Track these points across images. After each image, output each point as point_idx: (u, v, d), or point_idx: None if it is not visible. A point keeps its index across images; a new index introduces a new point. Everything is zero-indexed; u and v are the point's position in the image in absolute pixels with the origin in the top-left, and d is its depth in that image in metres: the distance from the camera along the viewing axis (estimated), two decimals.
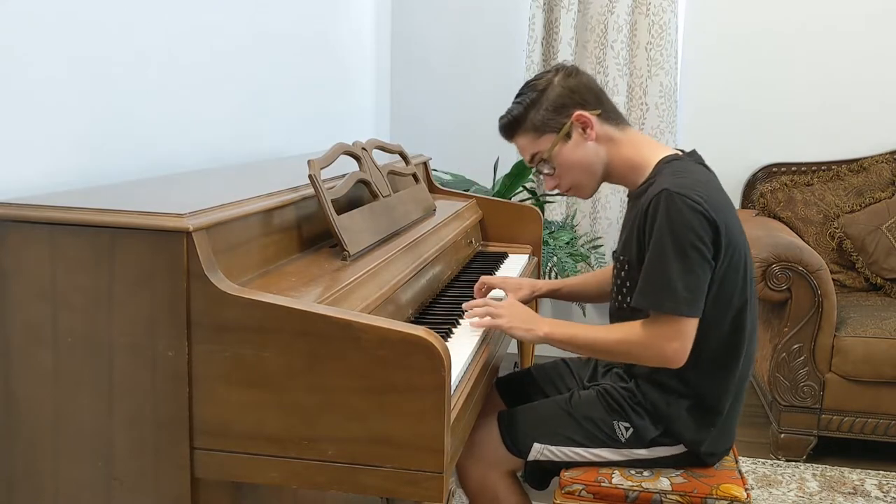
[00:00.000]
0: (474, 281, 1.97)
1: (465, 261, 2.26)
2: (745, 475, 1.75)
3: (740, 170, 3.64)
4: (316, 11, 2.80)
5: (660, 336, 1.58)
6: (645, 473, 1.69)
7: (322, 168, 1.53)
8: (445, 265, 2.03)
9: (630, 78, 3.63)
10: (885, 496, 2.62)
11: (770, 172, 3.56)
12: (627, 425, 1.69)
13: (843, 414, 2.83)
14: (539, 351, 3.10)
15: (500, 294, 1.94)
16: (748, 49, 3.61)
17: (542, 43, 3.63)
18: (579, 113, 1.69)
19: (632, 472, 1.69)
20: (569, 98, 1.71)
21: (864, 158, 3.51)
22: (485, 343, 1.64)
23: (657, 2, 3.54)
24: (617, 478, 1.67)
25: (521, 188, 3.33)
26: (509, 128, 1.77)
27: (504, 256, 2.38)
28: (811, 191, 3.45)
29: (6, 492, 1.25)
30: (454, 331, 1.67)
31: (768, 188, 3.47)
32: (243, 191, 1.43)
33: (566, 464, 1.72)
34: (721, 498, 1.64)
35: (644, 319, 1.61)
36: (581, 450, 1.70)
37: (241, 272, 1.26)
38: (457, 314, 1.78)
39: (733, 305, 1.64)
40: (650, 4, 3.56)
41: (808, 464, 2.85)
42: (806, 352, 2.81)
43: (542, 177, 1.80)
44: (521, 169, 3.21)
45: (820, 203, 3.43)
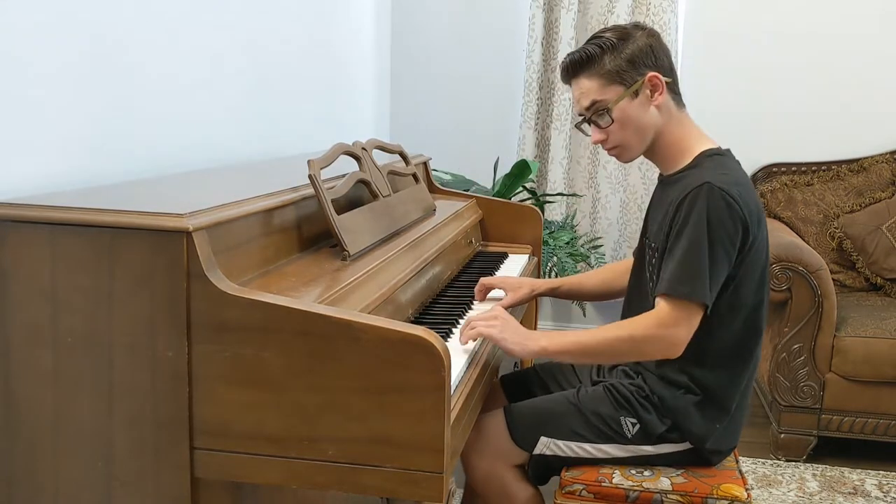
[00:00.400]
0: (474, 281, 1.97)
1: (465, 261, 2.26)
2: (746, 475, 1.75)
3: None
4: (316, 12, 2.80)
5: (671, 324, 1.56)
6: (646, 473, 1.69)
7: (322, 168, 1.53)
8: (445, 265, 2.03)
9: None
10: (885, 496, 2.62)
11: (770, 172, 3.56)
12: (634, 421, 1.69)
13: (843, 414, 2.83)
14: None
15: (500, 294, 1.94)
16: (748, 49, 3.61)
17: (542, 43, 3.63)
18: (654, 74, 1.66)
19: (632, 472, 1.69)
20: (649, 56, 1.66)
21: (864, 158, 3.51)
22: (485, 343, 1.64)
23: (657, 2, 3.54)
24: (617, 477, 1.68)
25: (521, 188, 3.33)
26: (578, 65, 1.69)
27: (504, 256, 2.38)
28: (811, 191, 3.45)
29: (6, 491, 1.25)
30: (454, 331, 1.67)
31: (768, 188, 3.48)
32: (243, 191, 1.43)
33: (571, 459, 1.72)
34: (721, 498, 1.64)
35: (649, 312, 1.61)
36: (587, 445, 1.71)
37: (241, 272, 1.26)
38: (457, 314, 1.78)
39: (747, 306, 1.65)
40: (650, 4, 3.56)
41: (808, 464, 2.85)
42: (806, 352, 2.81)
43: (590, 127, 1.73)
44: (522, 169, 3.21)
45: (820, 203, 3.43)
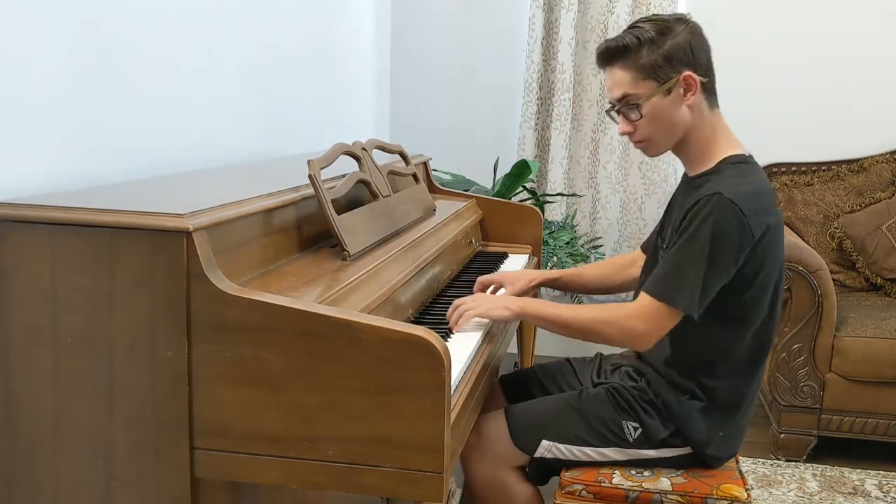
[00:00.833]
0: (474, 281, 1.97)
1: (465, 261, 2.26)
2: (746, 475, 1.75)
3: None
4: (316, 11, 2.80)
5: (646, 320, 1.57)
6: (645, 473, 1.69)
7: (322, 168, 1.53)
8: (445, 265, 2.03)
9: None
10: (885, 496, 2.62)
11: (770, 172, 3.56)
12: (636, 425, 1.69)
13: (843, 414, 2.84)
14: (540, 351, 3.10)
15: (500, 291, 1.94)
16: (748, 49, 3.60)
17: (542, 43, 3.63)
18: (690, 74, 1.63)
19: (632, 472, 1.69)
20: (686, 53, 1.63)
21: (864, 158, 3.51)
22: (485, 343, 1.64)
23: (657, 2, 3.54)
24: (617, 478, 1.67)
25: (521, 188, 3.33)
26: (614, 54, 1.66)
27: (504, 256, 2.38)
28: (811, 191, 3.45)
29: (6, 491, 1.25)
30: (454, 331, 1.67)
31: None
32: (243, 191, 1.43)
33: (572, 462, 1.72)
34: (721, 498, 1.64)
35: (629, 303, 1.62)
36: (589, 449, 1.70)
37: (241, 272, 1.26)
38: None
39: (759, 318, 1.65)
40: (650, 4, 3.56)
41: (808, 464, 2.85)
42: (806, 352, 2.81)
43: (618, 117, 1.71)
44: (521, 169, 3.21)
45: (820, 203, 3.43)
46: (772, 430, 2.93)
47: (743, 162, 1.68)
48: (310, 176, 1.49)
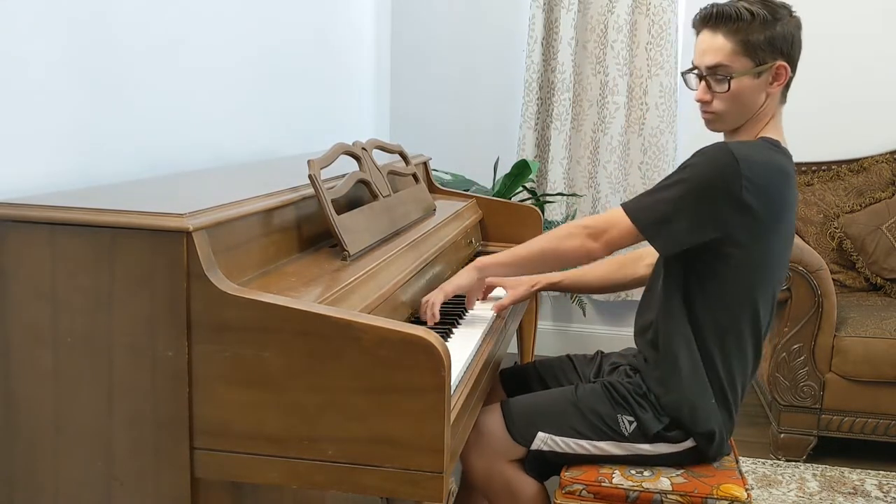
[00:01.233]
0: None
1: (465, 261, 2.26)
2: (746, 475, 1.75)
3: None
4: (316, 11, 2.80)
5: (600, 226, 1.64)
6: (645, 473, 1.69)
7: (322, 168, 1.53)
8: (445, 265, 2.03)
9: (630, 78, 3.63)
10: (885, 496, 2.62)
11: None
12: (631, 419, 1.69)
13: (843, 414, 2.83)
14: (540, 350, 3.10)
15: (501, 293, 1.94)
16: None
17: (542, 43, 3.63)
18: (784, 64, 1.64)
19: (632, 472, 1.69)
20: (788, 44, 1.64)
21: (864, 158, 3.51)
22: (485, 343, 1.64)
23: (657, 2, 3.54)
24: (617, 477, 1.68)
25: (521, 188, 3.33)
26: (725, 20, 1.63)
27: None
28: (811, 191, 3.45)
29: (6, 492, 1.25)
30: (454, 331, 1.67)
31: None
32: (243, 191, 1.43)
33: (569, 456, 1.72)
34: (721, 498, 1.64)
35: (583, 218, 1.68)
36: (584, 442, 1.70)
37: (241, 272, 1.26)
38: (457, 314, 1.78)
39: (752, 307, 1.65)
40: (650, 4, 3.56)
41: (808, 464, 2.85)
42: (806, 352, 2.81)
43: (699, 82, 1.69)
44: (521, 169, 3.21)
45: (820, 203, 3.43)
46: (772, 430, 2.93)
47: (773, 144, 1.68)
48: (310, 176, 1.49)
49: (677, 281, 1.66)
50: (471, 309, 1.86)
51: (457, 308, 1.82)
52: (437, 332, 1.21)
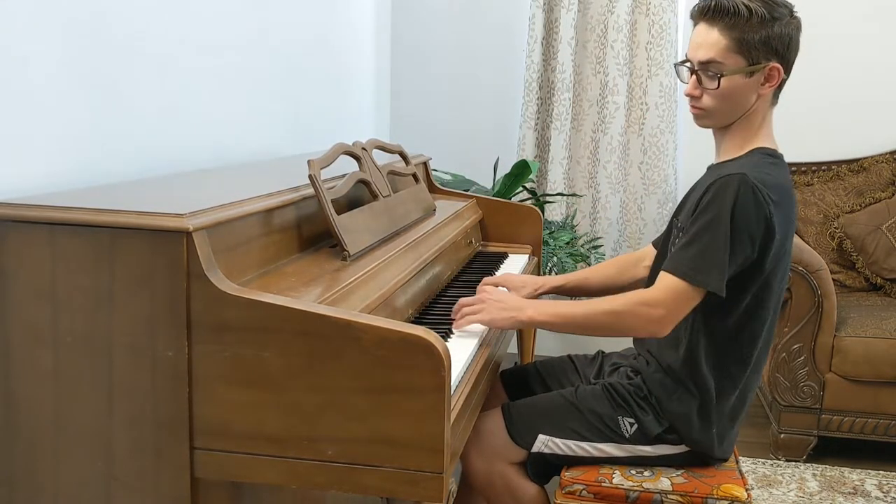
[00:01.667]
0: (474, 281, 1.97)
1: (465, 261, 2.26)
2: (746, 475, 1.75)
3: None
4: (316, 11, 2.80)
5: (666, 303, 1.54)
6: (646, 473, 1.69)
7: (322, 168, 1.53)
8: (445, 265, 2.03)
9: (630, 78, 3.63)
10: (885, 496, 2.62)
11: None
12: (632, 421, 1.69)
13: (843, 414, 2.84)
14: (540, 350, 3.10)
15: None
16: None
17: (542, 43, 3.63)
18: (777, 66, 1.62)
19: (632, 472, 1.69)
20: (784, 45, 1.61)
21: (864, 158, 3.51)
22: (485, 343, 1.64)
23: (657, 2, 3.54)
24: (618, 478, 1.67)
25: (521, 188, 3.33)
26: (722, 14, 1.60)
27: (504, 256, 2.38)
28: (811, 191, 3.45)
29: (6, 492, 1.25)
30: (454, 331, 1.67)
31: None
32: (243, 191, 1.43)
33: (569, 458, 1.72)
34: (721, 498, 1.64)
35: (643, 289, 1.60)
36: (585, 444, 1.70)
37: (241, 272, 1.26)
38: None
39: (759, 317, 1.65)
40: (650, 4, 3.56)
41: (808, 464, 2.85)
42: (806, 352, 2.81)
43: (689, 76, 1.68)
44: (522, 169, 3.21)
45: (820, 203, 3.43)
46: (772, 430, 2.93)
47: (772, 155, 1.67)
48: (310, 176, 1.49)
49: None
50: None
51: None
52: (438, 332, 1.21)
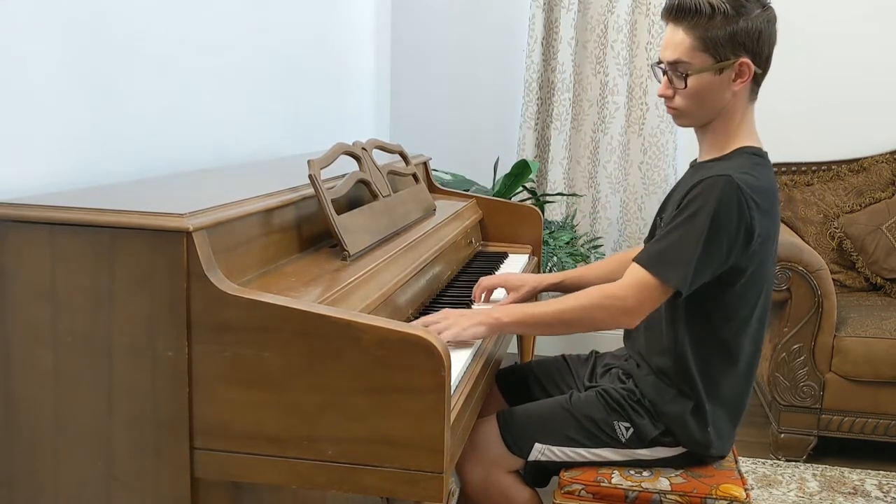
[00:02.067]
0: (474, 281, 1.97)
1: (465, 261, 2.26)
2: (745, 475, 1.75)
3: None
4: (316, 11, 2.80)
5: (634, 294, 1.54)
6: (644, 473, 1.69)
7: (322, 168, 1.53)
8: (445, 265, 2.03)
9: (630, 78, 3.63)
10: (885, 496, 2.62)
11: None
12: (628, 425, 1.69)
13: (843, 414, 2.83)
14: (540, 350, 3.10)
15: (502, 295, 1.94)
16: None
17: (542, 43, 3.63)
18: (747, 62, 1.59)
19: (631, 472, 1.69)
20: (752, 41, 1.58)
21: (864, 158, 3.51)
22: (485, 343, 1.64)
23: (657, 2, 3.54)
24: (616, 478, 1.67)
25: (521, 188, 3.33)
26: (685, 14, 1.58)
27: (504, 256, 2.38)
28: (811, 191, 3.45)
29: (6, 492, 1.25)
30: None
31: None
32: (243, 191, 1.43)
33: (567, 464, 1.72)
34: (721, 498, 1.64)
35: (607, 283, 1.60)
36: (582, 450, 1.70)
37: (241, 272, 1.26)
38: None
39: (746, 315, 1.64)
40: (650, 4, 3.56)
41: (808, 464, 2.85)
42: (806, 352, 2.81)
43: (662, 77, 1.67)
44: (522, 169, 3.21)
45: (820, 203, 3.43)
46: (772, 430, 2.93)
47: (757, 155, 1.66)
48: (310, 176, 1.49)
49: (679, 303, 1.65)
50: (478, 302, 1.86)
51: (457, 308, 1.81)
52: None
